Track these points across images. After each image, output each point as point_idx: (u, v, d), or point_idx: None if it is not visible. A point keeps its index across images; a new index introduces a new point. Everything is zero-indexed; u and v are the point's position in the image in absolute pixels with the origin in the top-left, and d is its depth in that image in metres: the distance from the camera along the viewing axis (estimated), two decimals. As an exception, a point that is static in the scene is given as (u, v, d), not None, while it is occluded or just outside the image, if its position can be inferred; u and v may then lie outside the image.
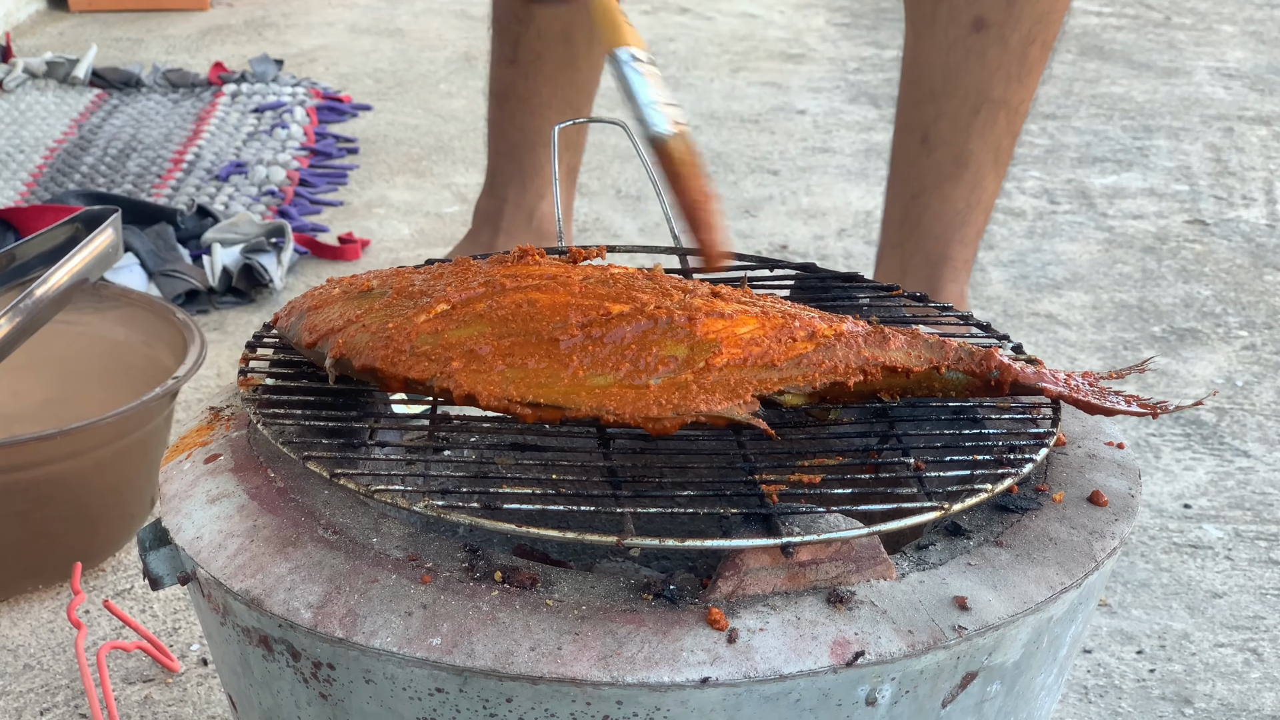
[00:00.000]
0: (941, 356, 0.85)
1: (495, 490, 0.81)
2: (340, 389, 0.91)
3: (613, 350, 0.82)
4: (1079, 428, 0.96)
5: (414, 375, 0.83)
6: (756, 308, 0.88)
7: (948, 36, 1.60)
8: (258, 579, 0.79)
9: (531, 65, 1.83)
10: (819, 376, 0.83)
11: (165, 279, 2.00)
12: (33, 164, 2.53)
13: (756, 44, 3.46)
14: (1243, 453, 1.67)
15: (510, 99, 1.86)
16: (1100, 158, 2.73)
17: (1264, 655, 1.32)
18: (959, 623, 0.76)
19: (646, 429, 0.79)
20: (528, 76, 1.83)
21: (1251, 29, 3.65)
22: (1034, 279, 2.18)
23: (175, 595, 1.36)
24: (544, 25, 1.80)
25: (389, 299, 0.89)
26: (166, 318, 1.51)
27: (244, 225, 2.10)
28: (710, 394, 0.80)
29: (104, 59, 3.20)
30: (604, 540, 0.74)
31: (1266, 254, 2.29)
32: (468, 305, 0.86)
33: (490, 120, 1.92)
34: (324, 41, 3.38)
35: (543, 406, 0.80)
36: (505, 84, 1.87)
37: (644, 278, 0.91)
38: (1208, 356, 1.93)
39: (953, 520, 0.85)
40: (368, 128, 2.81)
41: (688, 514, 0.77)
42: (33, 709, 1.22)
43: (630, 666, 0.72)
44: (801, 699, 0.74)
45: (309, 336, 0.90)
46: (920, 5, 1.63)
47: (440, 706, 0.75)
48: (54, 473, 1.34)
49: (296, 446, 0.84)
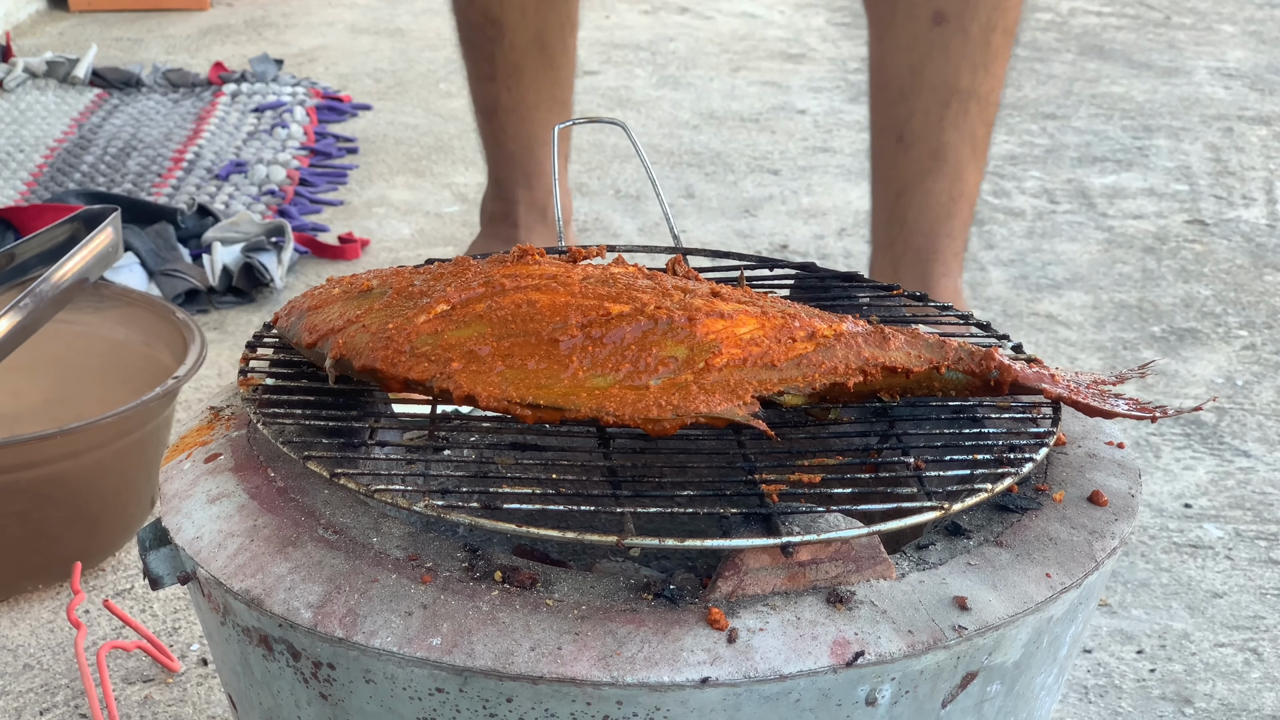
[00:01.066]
0: (941, 356, 0.85)
1: (495, 490, 0.81)
2: (340, 389, 0.91)
3: (612, 351, 0.82)
4: (1079, 427, 0.96)
5: (414, 376, 0.83)
6: (756, 308, 0.88)
7: (909, 33, 1.61)
8: (258, 579, 0.79)
9: (512, 77, 1.83)
10: (819, 377, 0.82)
11: (165, 278, 2.00)
12: (33, 163, 2.53)
13: (756, 43, 3.46)
14: (1243, 452, 1.67)
15: (499, 112, 1.86)
16: (1100, 158, 2.73)
17: (1264, 655, 1.32)
18: (959, 623, 0.76)
19: (646, 430, 0.79)
20: (511, 88, 1.83)
21: (1251, 29, 3.65)
22: (1034, 279, 2.18)
23: (175, 595, 1.36)
24: (515, 37, 1.80)
25: (389, 299, 0.89)
26: (166, 317, 1.51)
27: (244, 224, 2.10)
28: (710, 395, 0.80)
29: (104, 59, 3.20)
30: (604, 540, 0.74)
31: (1266, 254, 2.29)
32: (467, 306, 0.86)
33: (482, 134, 1.92)
34: (324, 41, 3.38)
35: (542, 408, 0.80)
36: (490, 99, 1.87)
37: (644, 277, 0.91)
38: (1208, 356, 1.93)
39: (953, 520, 0.85)
40: (368, 127, 2.81)
41: (687, 514, 0.77)
42: (32, 709, 1.22)
43: (630, 666, 0.72)
44: (801, 699, 0.74)
45: (309, 337, 0.90)
46: (879, 6, 1.64)
47: (440, 706, 0.75)
48: (54, 472, 1.34)
49: (296, 446, 0.84)
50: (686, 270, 0.98)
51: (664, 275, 0.94)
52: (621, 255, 0.99)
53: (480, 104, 1.90)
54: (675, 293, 0.88)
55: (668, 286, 0.89)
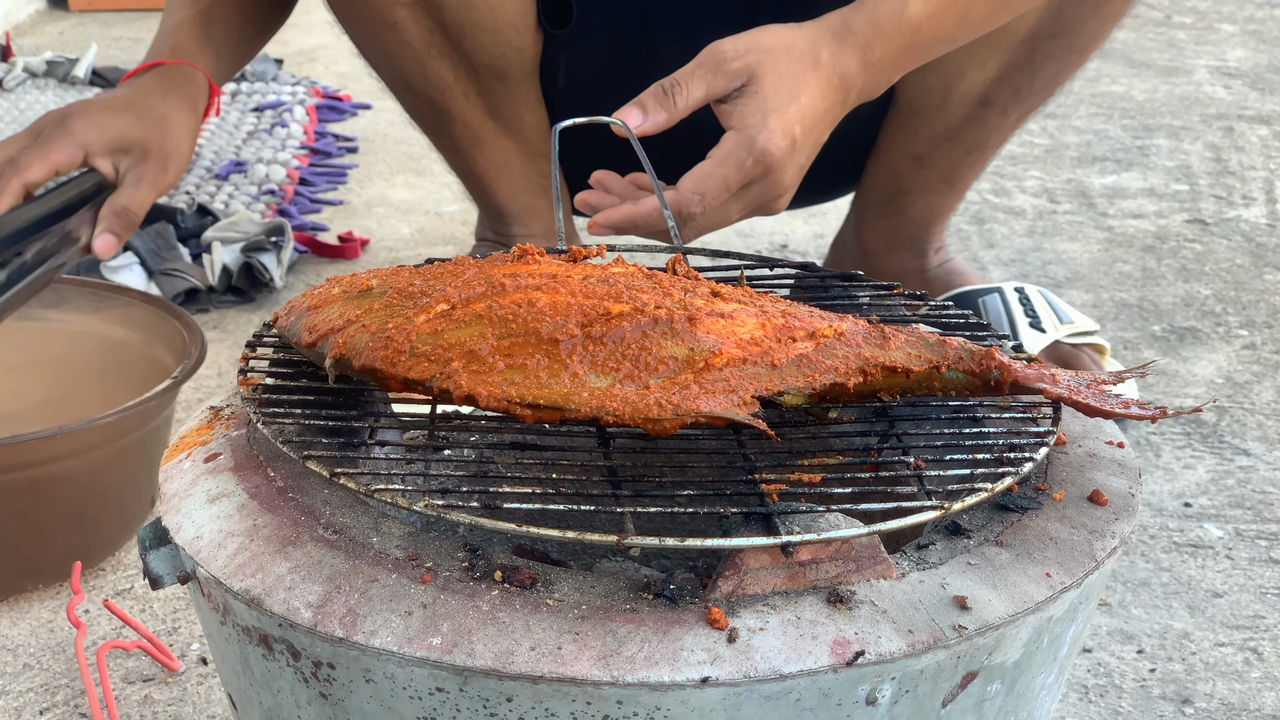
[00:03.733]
0: (942, 356, 0.85)
1: (495, 490, 0.81)
2: (340, 388, 0.91)
3: (612, 351, 0.82)
4: (1079, 427, 0.96)
5: (414, 376, 0.83)
6: (756, 307, 0.88)
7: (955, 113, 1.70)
8: (258, 578, 0.79)
9: (475, 147, 1.79)
10: (819, 377, 0.82)
11: (165, 278, 2.00)
12: (33, 163, 2.53)
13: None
14: (1243, 451, 1.67)
15: (474, 175, 1.83)
16: (1100, 157, 2.73)
17: (1264, 655, 1.32)
18: (959, 622, 0.76)
19: (646, 430, 0.79)
20: (478, 156, 1.80)
21: (1251, 28, 3.65)
22: (1034, 278, 2.18)
23: (175, 595, 1.36)
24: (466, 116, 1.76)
25: (389, 298, 0.89)
26: (166, 317, 1.51)
27: (244, 224, 2.09)
28: (710, 394, 0.80)
29: (105, 58, 3.20)
30: (604, 540, 0.74)
31: (1266, 253, 2.29)
32: (468, 305, 0.86)
33: (470, 191, 1.88)
34: (324, 41, 3.38)
35: (542, 408, 0.80)
36: (461, 166, 1.84)
37: (644, 277, 0.91)
38: (1208, 356, 1.93)
39: (953, 520, 0.85)
40: (367, 126, 2.81)
41: (687, 513, 0.77)
42: (32, 709, 1.22)
43: (630, 666, 0.72)
44: (801, 699, 0.74)
45: (309, 336, 0.90)
46: (929, 94, 1.69)
47: (440, 706, 0.75)
48: (54, 472, 1.34)
49: (296, 446, 0.84)
50: (687, 270, 0.98)
51: (664, 275, 0.94)
52: (622, 255, 0.99)
53: (453, 167, 1.87)
54: (676, 292, 0.88)
55: (668, 286, 0.89)
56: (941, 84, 1.67)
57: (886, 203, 1.83)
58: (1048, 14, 1.60)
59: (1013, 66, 1.65)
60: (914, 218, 1.83)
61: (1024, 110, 1.72)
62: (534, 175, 1.81)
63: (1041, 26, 1.61)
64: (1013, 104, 1.69)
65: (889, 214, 1.83)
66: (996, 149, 1.79)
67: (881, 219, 1.85)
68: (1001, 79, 1.67)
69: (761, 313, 0.87)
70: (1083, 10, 1.61)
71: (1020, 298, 1.75)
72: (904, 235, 1.84)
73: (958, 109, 1.69)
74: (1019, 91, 1.68)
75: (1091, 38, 1.65)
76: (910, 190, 1.80)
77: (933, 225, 1.85)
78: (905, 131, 1.75)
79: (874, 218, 1.86)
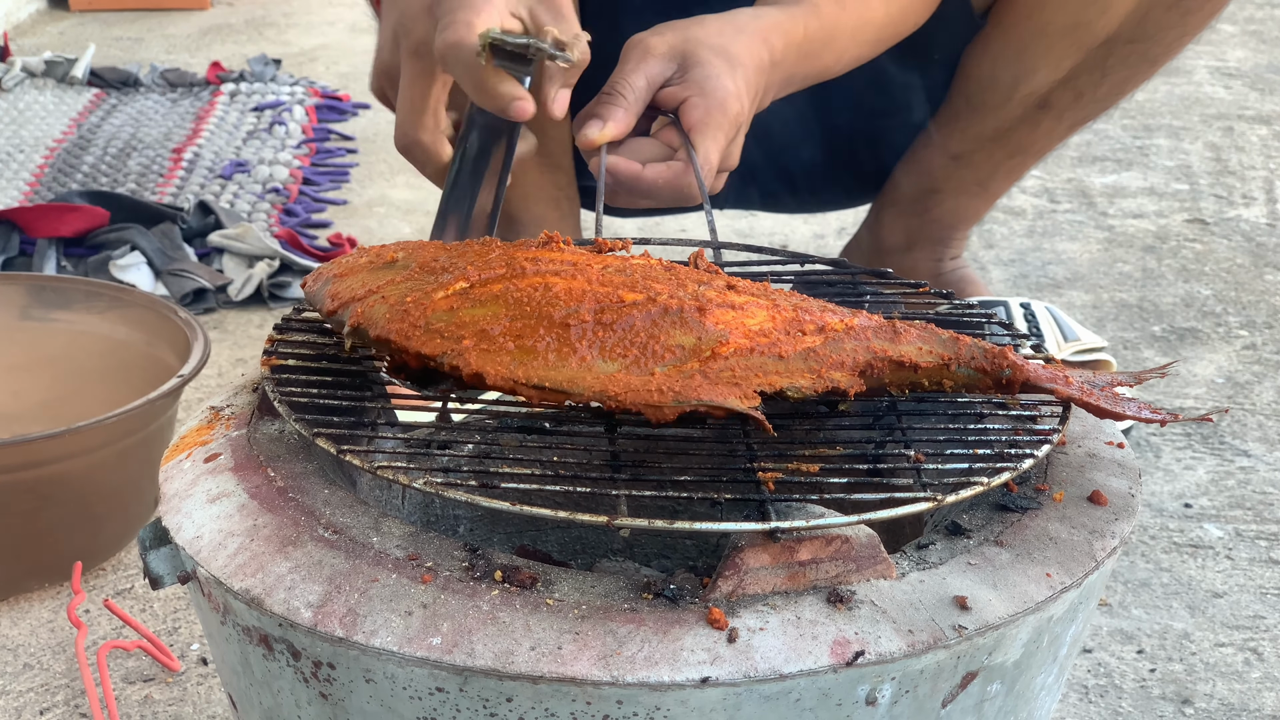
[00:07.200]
0: (954, 353, 0.84)
1: (494, 470, 0.82)
2: (356, 370, 0.92)
3: (621, 337, 0.82)
4: (1079, 427, 0.96)
5: (426, 351, 0.83)
6: (768, 300, 0.88)
7: (1011, 112, 1.71)
8: (258, 578, 0.79)
9: None
10: (825, 370, 0.82)
11: (173, 278, 2.00)
12: (34, 163, 2.53)
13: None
14: (1243, 452, 1.67)
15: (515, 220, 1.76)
16: (1100, 157, 2.73)
17: (1264, 655, 1.32)
18: (959, 622, 0.76)
19: (647, 415, 0.79)
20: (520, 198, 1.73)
21: (1251, 28, 3.65)
22: (1034, 278, 2.18)
23: (175, 595, 1.36)
24: None
25: (411, 272, 0.90)
26: (168, 317, 1.51)
27: (249, 238, 2.09)
28: (713, 383, 0.80)
29: (105, 58, 3.20)
30: (594, 520, 0.74)
31: (1266, 253, 2.29)
32: (485, 285, 0.87)
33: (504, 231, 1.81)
34: (324, 41, 3.38)
35: (547, 389, 0.80)
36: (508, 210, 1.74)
37: (663, 269, 0.91)
38: (1208, 356, 1.93)
39: (953, 519, 0.85)
40: (367, 126, 2.81)
41: (682, 498, 0.77)
42: (32, 708, 1.22)
43: (630, 666, 0.72)
44: (801, 698, 0.74)
45: (330, 304, 0.91)
46: (994, 88, 1.69)
47: (440, 706, 0.75)
48: (56, 472, 1.34)
49: (308, 423, 0.85)
50: (708, 264, 0.98)
51: (683, 268, 0.94)
52: (648, 250, 0.99)
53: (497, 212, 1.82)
54: (690, 284, 0.88)
55: (684, 278, 0.90)
56: (1010, 79, 1.66)
57: (914, 200, 1.82)
58: (1132, 18, 1.59)
59: (1082, 69, 1.64)
60: (939, 218, 1.82)
61: (1078, 119, 1.71)
62: (549, 187, 1.80)
63: (1123, 30, 1.60)
64: (1070, 109, 1.68)
65: (914, 211, 1.82)
66: (1038, 158, 1.78)
67: (904, 216, 1.84)
68: (1067, 81, 1.66)
69: (773, 305, 0.87)
70: (1170, 18, 1.60)
71: (1025, 314, 1.74)
72: (925, 235, 1.83)
73: (1016, 109, 1.68)
74: (1081, 96, 1.67)
75: (1168, 48, 1.64)
76: (941, 189, 1.79)
77: (956, 228, 1.84)
78: (951, 127, 1.73)
79: (897, 214, 1.85)
